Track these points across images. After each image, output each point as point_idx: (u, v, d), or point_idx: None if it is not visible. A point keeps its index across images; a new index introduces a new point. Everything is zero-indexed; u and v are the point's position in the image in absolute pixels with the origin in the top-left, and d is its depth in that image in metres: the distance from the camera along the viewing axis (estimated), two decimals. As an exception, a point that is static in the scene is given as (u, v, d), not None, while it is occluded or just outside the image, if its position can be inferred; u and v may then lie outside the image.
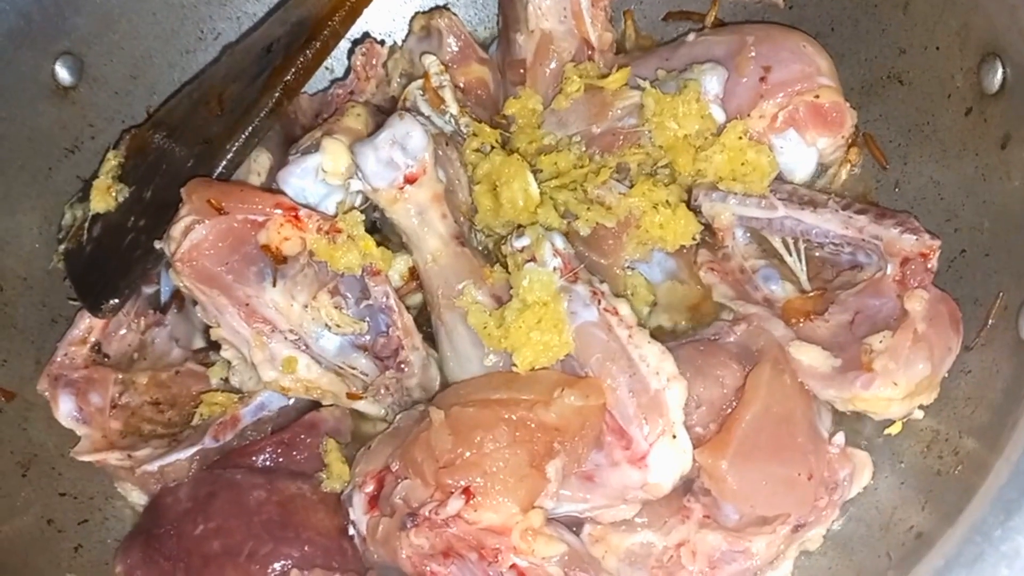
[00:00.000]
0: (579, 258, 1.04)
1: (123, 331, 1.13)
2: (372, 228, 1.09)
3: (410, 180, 1.01)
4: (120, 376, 1.11)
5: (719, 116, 1.09)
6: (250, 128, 1.08)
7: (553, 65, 1.18)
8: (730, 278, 1.09)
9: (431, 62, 1.12)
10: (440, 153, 1.07)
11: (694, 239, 1.07)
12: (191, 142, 1.12)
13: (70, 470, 1.09)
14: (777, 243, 1.09)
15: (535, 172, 1.08)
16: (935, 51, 1.05)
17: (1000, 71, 0.95)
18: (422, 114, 1.09)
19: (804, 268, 1.08)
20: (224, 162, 1.08)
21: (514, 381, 0.95)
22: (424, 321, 1.09)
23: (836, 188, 1.17)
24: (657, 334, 1.01)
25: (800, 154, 1.11)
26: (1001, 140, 0.96)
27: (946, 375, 0.96)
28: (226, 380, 1.11)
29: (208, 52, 1.26)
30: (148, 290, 1.11)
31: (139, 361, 1.14)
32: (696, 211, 1.09)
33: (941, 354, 0.96)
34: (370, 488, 0.97)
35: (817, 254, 1.09)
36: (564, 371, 0.95)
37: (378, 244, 1.03)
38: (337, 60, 1.32)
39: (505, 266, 1.02)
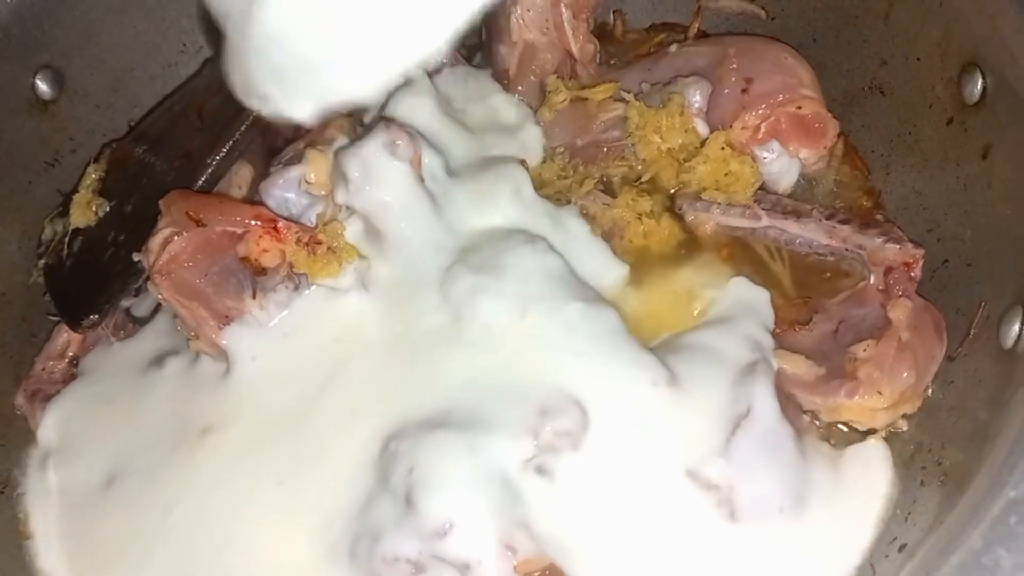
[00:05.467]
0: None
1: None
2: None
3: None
4: (99, 390, 1.10)
5: (702, 130, 1.09)
6: (231, 141, 1.08)
7: (536, 76, 1.18)
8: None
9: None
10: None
11: (678, 249, 1.07)
12: (172, 155, 1.11)
13: (50, 488, 1.07)
14: (761, 251, 1.09)
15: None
16: (916, 62, 1.05)
17: (980, 81, 0.95)
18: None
19: (788, 276, 1.08)
20: (205, 175, 1.07)
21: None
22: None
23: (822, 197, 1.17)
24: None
25: (783, 165, 1.11)
26: (982, 150, 0.96)
27: (931, 384, 0.96)
28: (207, 393, 1.10)
29: (190, 65, 1.25)
30: (127, 303, 1.10)
31: (118, 375, 1.13)
32: (679, 218, 1.09)
33: (926, 362, 0.95)
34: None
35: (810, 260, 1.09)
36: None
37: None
38: (320, 72, 1.31)
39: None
